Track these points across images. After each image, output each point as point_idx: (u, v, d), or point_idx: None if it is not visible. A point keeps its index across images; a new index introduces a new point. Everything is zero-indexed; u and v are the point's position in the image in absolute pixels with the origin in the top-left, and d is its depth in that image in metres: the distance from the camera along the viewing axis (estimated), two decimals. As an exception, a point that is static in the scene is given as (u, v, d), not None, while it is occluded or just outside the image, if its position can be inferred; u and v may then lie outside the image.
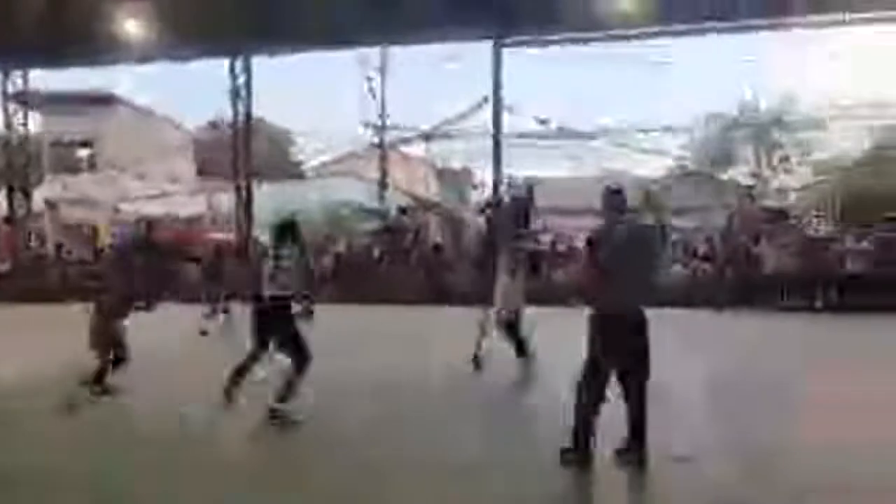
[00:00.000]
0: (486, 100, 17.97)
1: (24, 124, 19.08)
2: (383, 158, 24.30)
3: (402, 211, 19.49)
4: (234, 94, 17.51)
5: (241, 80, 17.50)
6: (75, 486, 4.29)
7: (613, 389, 4.53)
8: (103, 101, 26.29)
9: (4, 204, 19.83)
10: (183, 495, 4.17)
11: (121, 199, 25.58)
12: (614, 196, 4.70)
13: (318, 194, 23.93)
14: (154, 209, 23.66)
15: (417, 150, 30.83)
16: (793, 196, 20.61)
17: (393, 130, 25.21)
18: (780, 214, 17.17)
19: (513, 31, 16.83)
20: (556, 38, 16.80)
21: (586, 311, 4.59)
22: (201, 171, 31.50)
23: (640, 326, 4.52)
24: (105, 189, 25.35)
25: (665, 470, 4.44)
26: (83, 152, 27.70)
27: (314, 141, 38.48)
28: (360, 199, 24.15)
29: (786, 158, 22.01)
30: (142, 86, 42.50)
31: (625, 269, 4.52)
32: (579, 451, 4.51)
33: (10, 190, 18.90)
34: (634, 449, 4.52)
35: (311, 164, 38.13)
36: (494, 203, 16.34)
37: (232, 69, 17.41)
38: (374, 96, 23.83)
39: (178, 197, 25.39)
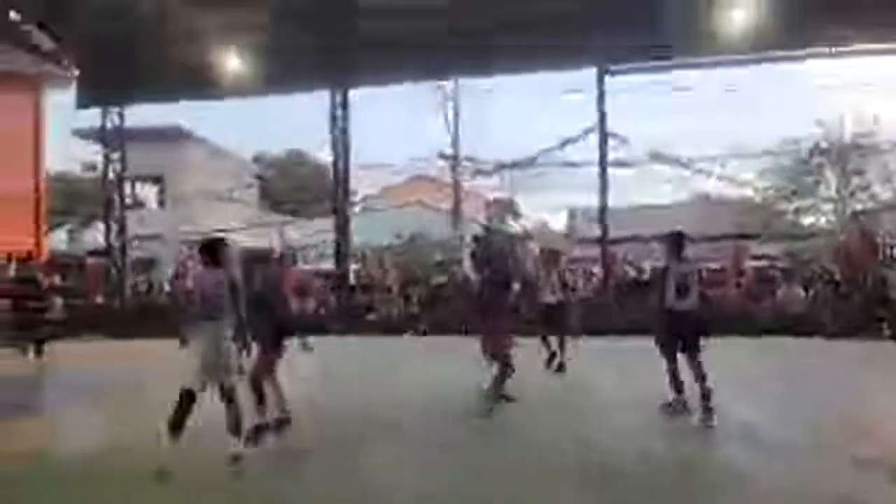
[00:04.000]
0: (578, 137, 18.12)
1: (122, 160, 19.09)
2: (456, 189, 24.28)
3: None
4: (333, 125, 17.53)
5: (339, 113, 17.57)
6: None
7: None
8: (172, 135, 26.33)
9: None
10: None
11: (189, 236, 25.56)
12: None
13: (391, 225, 23.83)
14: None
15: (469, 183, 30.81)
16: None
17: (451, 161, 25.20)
18: None
19: (610, 60, 16.86)
20: (661, 65, 16.74)
21: None
22: (264, 205, 31.62)
23: None
24: (175, 225, 25.33)
25: None
26: (152, 189, 27.80)
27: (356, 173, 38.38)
28: (431, 230, 24.03)
29: (866, 187, 21.70)
30: (203, 120, 42.71)
31: None
32: None
33: (108, 224, 18.90)
34: None
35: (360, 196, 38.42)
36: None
37: (332, 101, 17.47)
38: (448, 128, 23.88)
39: (248, 232, 25.34)
